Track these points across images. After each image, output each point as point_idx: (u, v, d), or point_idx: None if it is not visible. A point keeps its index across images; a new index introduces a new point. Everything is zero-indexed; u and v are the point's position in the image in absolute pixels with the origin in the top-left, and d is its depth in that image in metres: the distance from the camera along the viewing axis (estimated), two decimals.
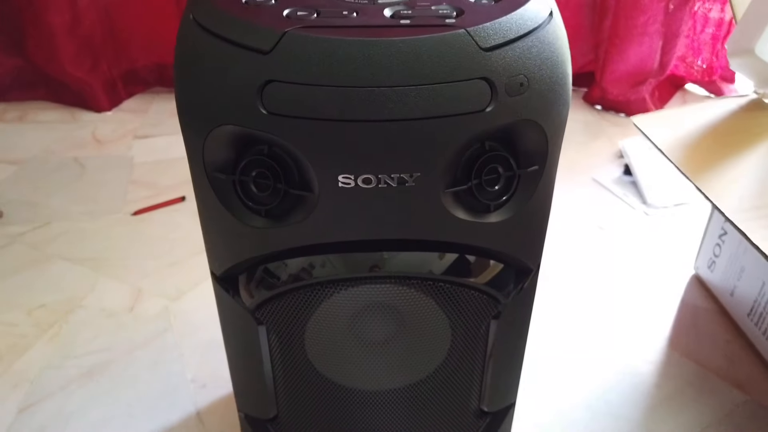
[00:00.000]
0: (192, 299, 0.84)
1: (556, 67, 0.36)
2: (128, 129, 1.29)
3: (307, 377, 0.49)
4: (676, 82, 1.45)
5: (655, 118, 0.74)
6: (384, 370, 0.49)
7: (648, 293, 0.86)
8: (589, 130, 1.31)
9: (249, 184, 0.37)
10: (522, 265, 0.43)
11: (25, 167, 1.14)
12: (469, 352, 0.48)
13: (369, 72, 0.32)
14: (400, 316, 0.46)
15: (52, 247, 0.93)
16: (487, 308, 0.44)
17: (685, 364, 0.75)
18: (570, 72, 0.38)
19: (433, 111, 0.33)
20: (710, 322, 0.81)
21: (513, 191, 0.38)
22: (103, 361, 0.74)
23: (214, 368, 0.73)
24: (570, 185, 1.10)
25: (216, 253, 0.42)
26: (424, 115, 0.33)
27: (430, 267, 0.40)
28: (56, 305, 0.82)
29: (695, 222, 1.00)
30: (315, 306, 0.43)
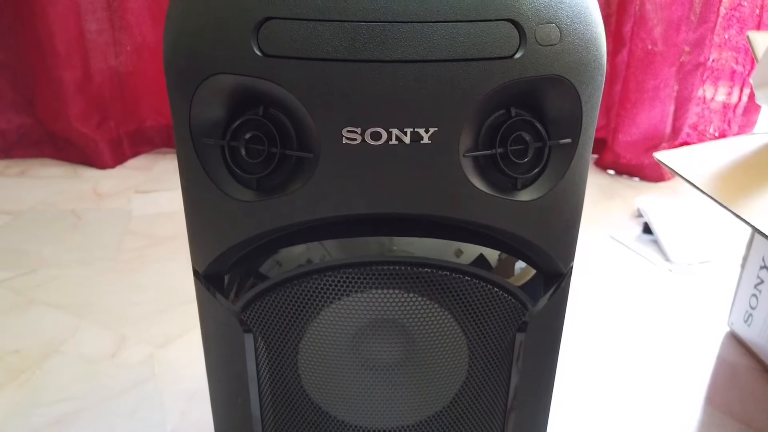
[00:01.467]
0: (181, 347, 0.77)
1: (590, 25, 0.32)
2: (130, 184, 1.26)
3: (299, 407, 0.42)
4: None
5: (677, 153, 0.70)
6: (389, 403, 0.42)
7: (681, 352, 0.78)
8: (604, 192, 1.27)
9: (239, 150, 0.32)
10: (552, 265, 0.37)
11: (19, 217, 1.10)
12: (489, 377, 0.41)
13: (381, 5, 0.28)
14: (410, 336, 0.40)
15: (35, 293, 0.87)
16: (511, 315, 0.37)
17: (730, 423, 0.66)
18: (603, 37, 0.34)
19: (454, 52, 0.29)
20: (752, 380, 0.73)
21: (543, 166, 0.33)
22: (74, 410, 0.66)
23: (197, 420, 0.65)
24: (587, 243, 1.05)
25: (200, 242, 0.37)
26: (443, 56, 0.29)
27: (445, 256, 0.35)
28: (32, 351, 0.75)
29: (723, 279, 0.93)
30: (311, 308, 0.37)
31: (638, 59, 1.25)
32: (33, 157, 1.37)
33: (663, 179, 1.32)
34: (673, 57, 1.25)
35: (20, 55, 1.27)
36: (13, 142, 1.35)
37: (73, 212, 1.13)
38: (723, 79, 1.36)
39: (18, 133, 1.35)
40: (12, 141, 1.35)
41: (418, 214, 0.33)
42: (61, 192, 1.21)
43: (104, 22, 1.26)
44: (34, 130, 1.35)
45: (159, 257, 0.97)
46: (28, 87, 1.30)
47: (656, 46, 1.24)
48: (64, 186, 1.24)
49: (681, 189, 1.30)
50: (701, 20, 1.23)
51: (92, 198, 1.20)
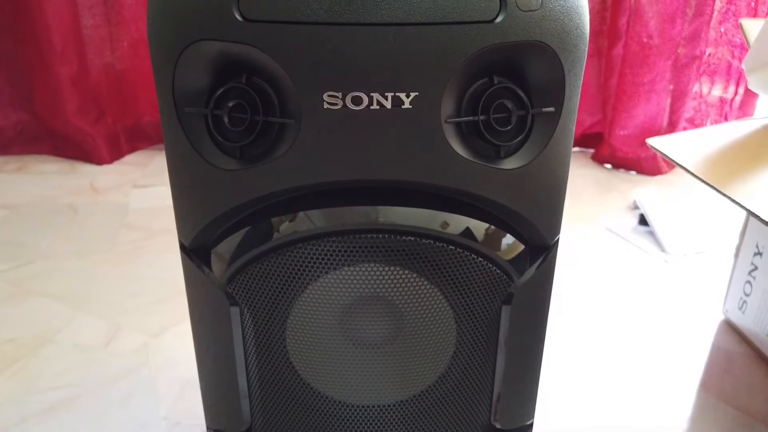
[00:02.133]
0: (175, 336, 0.77)
1: None
2: (127, 179, 1.26)
3: (287, 383, 0.42)
4: None
5: (670, 139, 0.70)
6: (378, 380, 0.42)
7: (675, 340, 0.78)
8: (600, 186, 1.27)
9: (222, 118, 0.32)
10: (537, 237, 0.37)
11: (17, 211, 1.10)
12: (477, 352, 0.41)
13: None
14: (397, 313, 0.40)
15: (31, 284, 0.87)
16: (496, 287, 0.38)
17: (724, 409, 0.66)
18: (586, 6, 0.34)
19: (434, 16, 0.29)
20: (746, 367, 0.73)
21: (526, 134, 0.34)
22: (69, 397, 0.66)
23: (191, 406, 0.65)
24: (583, 234, 1.05)
25: (185, 214, 0.37)
26: (424, 20, 0.29)
27: (431, 225, 0.35)
28: (26, 340, 0.75)
29: (717, 269, 0.93)
30: (296, 280, 0.37)
31: (634, 53, 1.25)
32: (31, 154, 1.37)
33: (660, 173, 1.32)
34: (669, 50, 1.25)
35: (17, 51, 1.27)
36: (11, 138, 1.36)
37: (70, 206, 1.13)
38: (719, 74, 1.36)
39: (15, 130, 1.35)
40: (10, 137, 1.35)
41: (400, 180, 0.33)
42: (59, 187, 1.22)
43: (100, 18, 1.26)
44: (32, 126, 1.35)
45: (155, 249, 0.97)
46: (25, 83, 1.30)
47: (652, 40, 1.24)
48: (61, 181, 1.25)
49: (677, 182, 1.29)
50: (697, 13, 1.23)
51: (89, 193, 1.20)
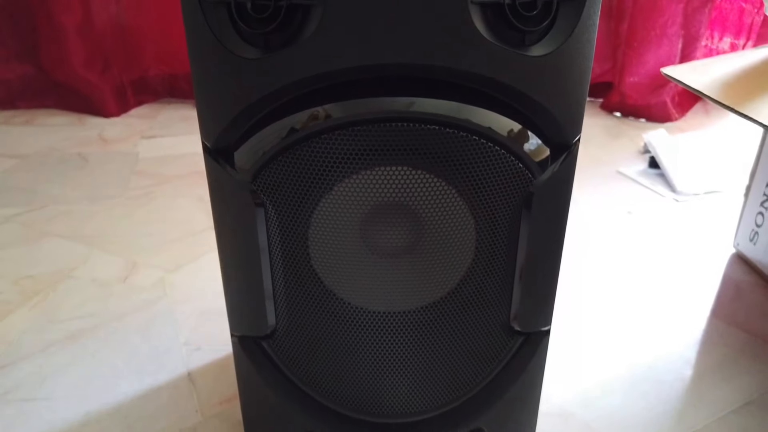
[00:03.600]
0: (191, 271, 0.78)
1: None
2: (135, 131, 1.26)
3: (309, 288, 0.42)
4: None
5: (684, 67, 0.70)
6: (400, 287, 0.43)
7: (686, 270, 0.78)
8: (610, 132, 1.26)
9: (246, 5, 0.32)
10: (559, 132, 0.37)
11: (26, 160, 1.11)
12: (497, 254, 0.41)
13: None
14: (417, 220, 0.40)
15: (46, 226, 0.88)
16: (517, 183, 0.38)
17: (734, 332, 0.67)
18: None
19: None
20: (756, 294, 0.73)
21: (551, 20, 0.33)
22: (90, 326, 0.67)
23: (210, 333, 0.66)
24: (595, 177, 1.05)
25: (209, 112, 0.37)
26: None
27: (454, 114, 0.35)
28: (45, 276, 0.76)
29: (729, 207, 0.93)
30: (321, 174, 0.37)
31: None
32: (38, 108, 1.37)
33: (670, 119, 1.31)
34: None
35: (20, 2, 1.26)
36: (17, 91, 1.35)
37: (80, 155, 1.14)
38: (731, 22, 1.34)
39: (22, 83, 1.35)
40: (16, 91, 1.35)
41: (425, 64, 0.33)
42: (68, 138, 1.22)
43: None
44: (38, 80, 1.34)
45: (167, 194, 0.98)
46: (30, 35, 1.29)
47: None
48: (70, 133, 1.25)
49: (687, 128, 1.29)
50: None
51: (98, 143, 1.20)
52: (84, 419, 0.55)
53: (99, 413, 0.55)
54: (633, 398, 0.57)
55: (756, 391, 0.58)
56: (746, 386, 0.59)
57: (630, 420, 0.55)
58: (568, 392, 0.58)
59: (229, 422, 0.54)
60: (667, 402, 0.57)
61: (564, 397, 0.57)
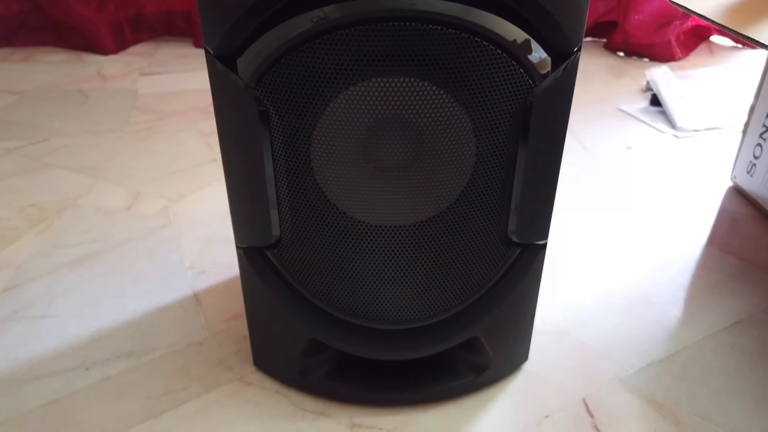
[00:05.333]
0: (194, 200, 0.78)
1: None
2: (134, 68, 1.25)
3: (313, 201, 0.43)
4: (701, 34, 1.40)
5: None
6: (401, 201, 0.44)
7: (684, 202, 0.79)
8: (613, 71, 1.25)
9: None
10: (561, 39, 0.38)
11: (27, 96, 1.10)
12: (496, 165, 0.42)
13: None
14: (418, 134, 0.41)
15: (49, 158, 0.89)
16: (517, 89, 0.38)
17: (727, 259, 0.68)
18: None
19: None
20: (752, 225, 0.74)
21: None
22: (96, 251, 0.69)
23: (214, 257, 0.67)
24: (595, 114, 1.04)
25: (211, 16, 0.37)
26: None
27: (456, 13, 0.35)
28: (49, 204, 0.77)
29: (728, 143, 0.94)
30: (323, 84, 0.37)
31: None
32: (35, 45, 1.35)
33: (673, 59, 1.30)
34: None
35: None
36: (14, 28, 1.33)
37: (79, 92, 1.13)
38: None
39: (18, 19, 1.33)
40: (12, 27, 1.33)
41: None
42: (67, 75, 1.21)
43: None
44: (34, 16, 1.33)
45: (168, 129, 0.98)
46: None
47: None
48: (68, 69, 1.24)
49: (690, 67, 1.28)
50: None
51: (98, 79, 1.19)
52: (95, 334, 0.57)
53: (108, 328, 0.57)
54: (626, 318, 0.59)
55: (746, 311, 0.60)
56: (736, 307, 0.61)
57: (623, 338, 0.57)
58: (563, 312, 0.60)
59: (235, 337, 0.56)
60: (660, 322, 0.59)
61: (559, 317, 0.59)
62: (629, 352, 0.55)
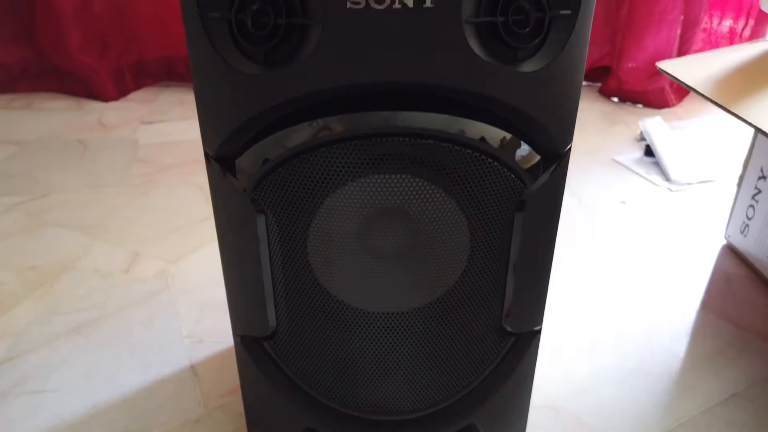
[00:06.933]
0: (192, 262, 0.79)
1: None
2: (135, 116, 1.27)
3: (309, 290, 0.44)
4: None
5: (679, 61, 0.70)
6: (396, 288, 0.44)
7: (678, 261, 0.80)
8: (607, 118, 1.27)
9: (246, 22, 0.33)
10: (551, 143, 0.38)
11: (27, 147, 1.11)
12: (490, 257, 0.42)
13: None
14: (414, 224, 0.41)
15: (48, 215, 0.89)
16: (510, 192, 0.39)
17: (723, 325, 0.68)
18: None
19: None
20: (747, 287, 0.75)
21: (543, 37, 0.34)
22: (94, 318, 0.69)
23: (212, 325, 0.68)
24: (590, 165, 1.06)
25: (210, 123, 0.38)
26: None
27: (449, 129, 0.36)
28: (48, 267, 0.78)
29: (722, 197, 0.95)
30: (319, 184, 0.38)
31: None
32: (37, 91, 1.37)
33: (667, 105, 1.31)
34: None
35: None
36: (17, 75, 1.35)
37: (80, 142, 1.14)
38: (730, 5, 1.33)
39: (20, 66, 1.35)
40: (15, 74, 1.35)
41: (421, 82, 0.33)
42: (67, 123, 1.22)
43: None
44: (37, 63, 1.34)
45: (168, 182, 0.99)
46: (27, 17, 1.29)
47: None
48: (69, 117, 1.25)
49: (684, 115, 1.29)
50: None
51: (98, 128, 1.20)
52: (91, 411, 0.57)
53: (106, 405, 0.57)
54: (623, 391, 0.59)
55: (742, 383, 0.60)
56: (732, 378, 0.61)
57: (619, 413, 0.57)
58: (559, 385, 0.60)
59: (231, 414, 0.56)
60: (656, 394, 0.59)
61: (554, 390, 0.59)
62: (626, 429, 0.55)
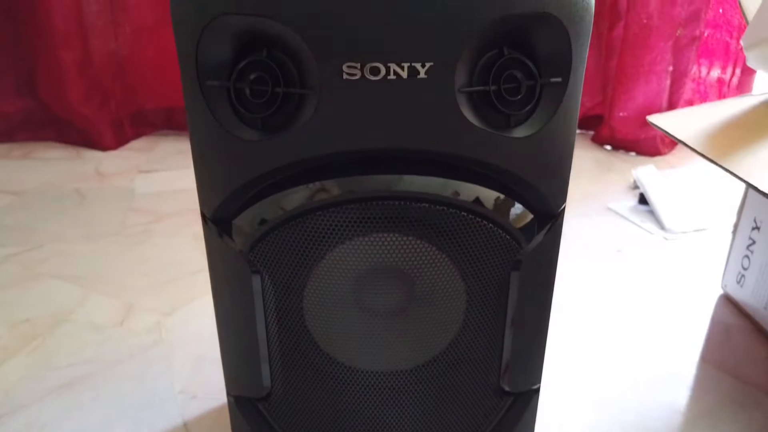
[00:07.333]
0: (186, 314, 0.78)
1: None
2: (132, 165, 1.28)
3: (305, 350, 0.43)
4: None
5: (670, 116, 0.72)
6: (392, 346, 0.44)
7: (675, 313, 0.80)
8: (601, 165, 1.28)
9: (244, 91, 0.34)
10: (545, 204, 0.39)
11: (24, 197, 1.12)
12: (486, 316, 0.42)
13: None
14: (409, 282, 0.42)
15: (43, 267, 0.89)
16: (505, 253, 0.39)
17: (724, 379, 0.68)
18: None
19: None
20: (745, 339, 0.74)
21: (535, 103, 0.35)
22: (86, 373, 0.68)
23: (205, 380, 0.67)
24: (585, 213, 1.06)
25: (208, 186, 0.38)
26: None
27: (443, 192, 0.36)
28: (42, 319, 0.77)
29: (717, 246, 0.95)
30: (315, 247, 0.38)
31: (634, 34, 1.26)
32: (36, 140, 1.38)
33: (659, 153, 1.33)
34: (669, 32, 1.26)
35: (21, 38, 1.28)
36: (16, 125, 1.37)
37: (77, 191, 1.15)
38: (717, 55, 1.37)
39: (20, 116, 1.37)
40: (15, 124, 1.36)
41: (415, 149, 0.34)
42: (65, 172, 1.23)
43: (104, 4, 1.27)
44: (37, 113, 1.36)
45: (164, 232, 0.99)
46: (29, 69, 1.31)
47: (651, 21, 1.25)
48: (67, 167, 1.26)
49: (676, 162, 1.31)
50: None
51: (95, 178, 1.21)
52: None
53: None
54: None
55: None
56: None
57: None
58: None
59: None
60: None
61: None
62: None
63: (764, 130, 0.63)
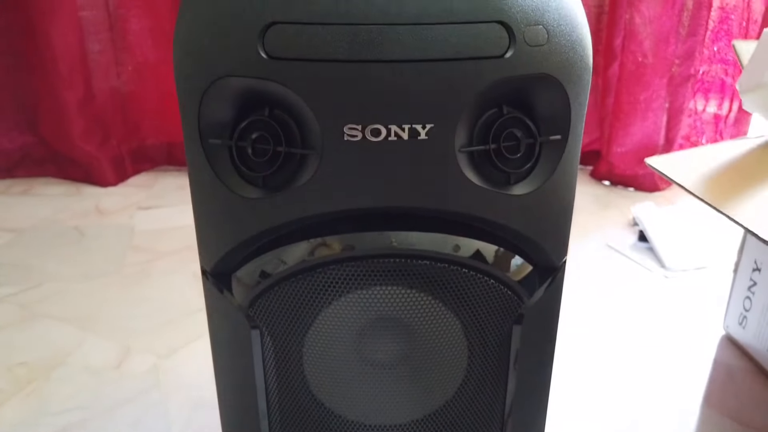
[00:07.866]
0: (184, 357, 0.78)
1: (576, 27, 0.34)
2: (132, 201, 1.28)
3: (305, 405, 0.43)
4: None
5: (669, 158, 0.72)
6: (391, 400, 0.44)
7: (677, 354, 0.79)
8: (599, 201, 1.29)
9: (246, 150, 0.34)
10: (546, 258, 0.39)
11: (22, 234, 1.12)
12: (488, 372, 0.42)
13: (378, 8, 0.30)
14: (411, 334, 0.41)
15: (40, 307, 0.88)
16: (507, 307, 0.39)
17: (726, 423, 0.67)
18: (589, 39, 0.36)
19: (448, 52, 0.31)
20: (749, 380, 0.74)
21: (535, 161, 0.35)
22: (81, 419, 0.67)
23: (201, 426, 0.66)
24: (584, 250, 1.06)
25: (208, 241, 0.38)
26: (438, 56, 0.31)
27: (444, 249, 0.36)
28: (38, 362, 0.76)
29: (718, 284, 0.95)
30: (315, 303, 0.38)
31: (629, 72, 1.28)
32: (36, 176, 1.38)
33: (657, 189, 1.34)
34: (664, 69, 1.27)
35: (23, 76, 1.29)
36: (16, 161, 1.37)
37: (76, 229, 1.14)
38: (713, 91, 1.38)
39: (21, 153, 1.37)
40: (15, 160, 1.37)
41: (416, 207, 0.34)
42: (64, 209, 1.23)
43: (106, 43, 1.28)
44: (37, 149, 1.37)
45: (162, 271, 0.99)
46: (31, 107, 1.32)
47: (647, 59, 1.27)
48: (66, 203, 1.26)
49: (675, 198, 1.31)
50: (690, 33, 1.26)
51: (95, 215, 1.21)
52: None
53: None
54: None
55: None
56: None
57: None
58: None
59: None
60: None
61: None
62: None
63: (763, 174, 0.64)
